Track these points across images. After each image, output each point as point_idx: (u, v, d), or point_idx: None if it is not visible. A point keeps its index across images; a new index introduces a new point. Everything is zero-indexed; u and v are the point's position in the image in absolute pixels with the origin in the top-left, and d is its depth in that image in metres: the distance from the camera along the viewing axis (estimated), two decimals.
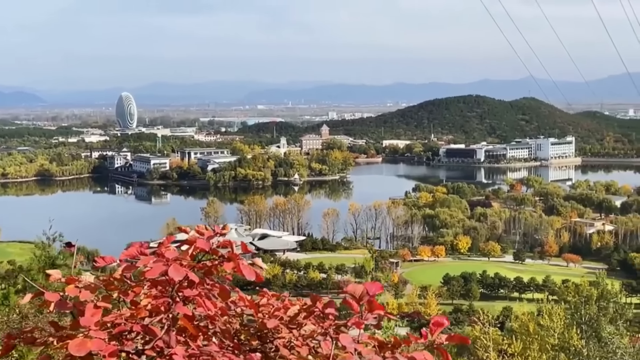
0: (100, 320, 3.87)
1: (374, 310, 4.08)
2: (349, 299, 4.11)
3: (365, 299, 4.09)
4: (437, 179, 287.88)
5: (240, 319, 4.58)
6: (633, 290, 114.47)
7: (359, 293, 4.10)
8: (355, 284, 4.20)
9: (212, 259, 4.26)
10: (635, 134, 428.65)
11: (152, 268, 3.97)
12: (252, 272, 4.21)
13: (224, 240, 4.35)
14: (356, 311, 4.09)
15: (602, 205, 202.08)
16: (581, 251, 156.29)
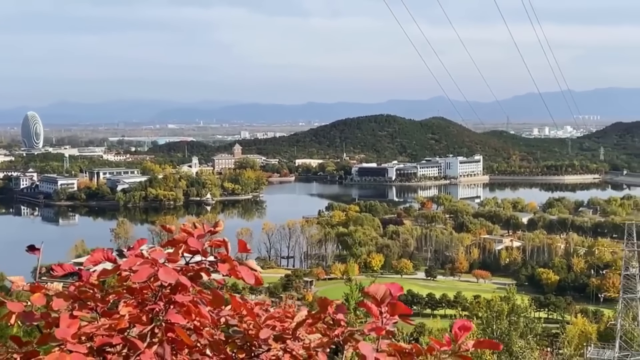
0: (77, 332, 3.44)
1: (398, 312, 3.60)
2: (367, 301, 3.63)
3: (387, 301, 3.60)
4: (350, 198, 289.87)
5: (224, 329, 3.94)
6: (541, 305, 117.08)
7: (381, 294, 3.60)
8: (377, 283, 3.72)
9: (202, 261, 3.74)
10: (540, 152, 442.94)
11: (138, 271, 3.48)
12: (251, 275, 3.73)
13: (217, 240, 3.78)
14: (376, 316, 3.60)
15: (509, 222, 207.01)
16: (490, 267, 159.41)
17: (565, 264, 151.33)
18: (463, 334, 3.63)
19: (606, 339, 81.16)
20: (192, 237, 3.70)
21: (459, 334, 3.63)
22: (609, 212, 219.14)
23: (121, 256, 3.74)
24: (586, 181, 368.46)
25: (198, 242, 3.69)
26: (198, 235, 3.73)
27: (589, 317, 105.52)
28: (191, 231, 3.77)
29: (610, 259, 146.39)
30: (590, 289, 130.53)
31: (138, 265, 3.51)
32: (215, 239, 3.80)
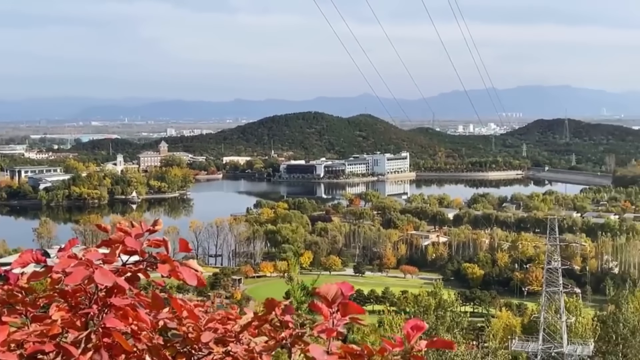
0: (6, 339, 3.17)
1: (350, 313, 3.43)
2: (318, 302, 3.47)
3: (339, 300, 3.44)
4: (278, 195, 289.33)
5: (162, 332, 3.65)
6: (467, 299, 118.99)
7: (332, 294, 3.44)
8: (329, 283, 3.56)
9: (140, 262, 3.50)
10: (465, 149, 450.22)
11: (73, 273, 3.19)
12: (194, 276, 3.48)
13: (157, 239, 3.57)
14: (326, 316, 3.43)
15: (436, 218, 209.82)
16: (418, 262, 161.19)
17: (490, 258, 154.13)
18: (416, 333, 3.45)
19: (530, 332, 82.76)
20: (130, 237, 3.48)
21: (412, 333, 3.45)
22: (532, 207, 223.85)
23: (46, 257, 3.55)
24: (509, 177, 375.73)
25: (136, 241, 3.47)
26: (136, 234, 3.52)
27: (513, 311, 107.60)
28: (128, 230, 3.54)
29: (533, 253, 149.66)
30: (514, 282, 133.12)
31: (72, 267, 3.23)
32: (154, 239, 3.60)
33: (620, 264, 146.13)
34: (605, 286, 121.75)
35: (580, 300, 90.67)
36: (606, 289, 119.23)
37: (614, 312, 77.21)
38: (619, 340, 70.79)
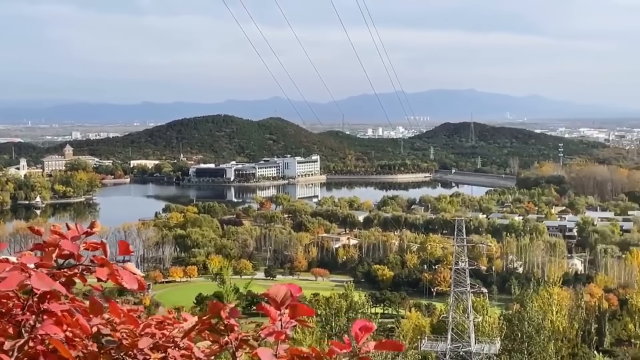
0: None
1: (299, 315, 3.36)
2: (265, 304, 3.40)
3: (288, 302, 3.37)
4: (188, 199, 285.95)
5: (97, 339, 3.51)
6: (377, 301, 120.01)
7: (281, 296, 3.37)
8: (278, 285, 3.50)
9: (76, 265, 3.34)
10: (374, 152, 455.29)
11: (7, 278, 3.03)
12: (134, 279, 3.40)
13: (94, 242, 3.45)
14: (274, 319, 3.36)
15: (346, 221, 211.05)
16: (329, 265, 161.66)
17: (400, 260, 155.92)
18: (364, 335, 3.37)
19: (439, 332, 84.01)
20: (66, 240, 3.32)
21: (360, 335, 3.37)
22: (440, 209, 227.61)
23: None
24: (418, 180, 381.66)
25: (73, 244, 3.32)
26: (72, 237, 3.37)
27: (422, 311, 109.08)
28: (64, 233, 3.38)
29: (441, 254, 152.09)
30: (423, 283, 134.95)
31: (7, 271, 3.06)
32: (91, 241, 3.46)
33: (525, 264, 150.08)
34: (511, 285, 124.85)
35: (487, 300, 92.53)
36: (511, 288, 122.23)
37: (519, 311, 79.16)
38: (524, 338, 72.55)
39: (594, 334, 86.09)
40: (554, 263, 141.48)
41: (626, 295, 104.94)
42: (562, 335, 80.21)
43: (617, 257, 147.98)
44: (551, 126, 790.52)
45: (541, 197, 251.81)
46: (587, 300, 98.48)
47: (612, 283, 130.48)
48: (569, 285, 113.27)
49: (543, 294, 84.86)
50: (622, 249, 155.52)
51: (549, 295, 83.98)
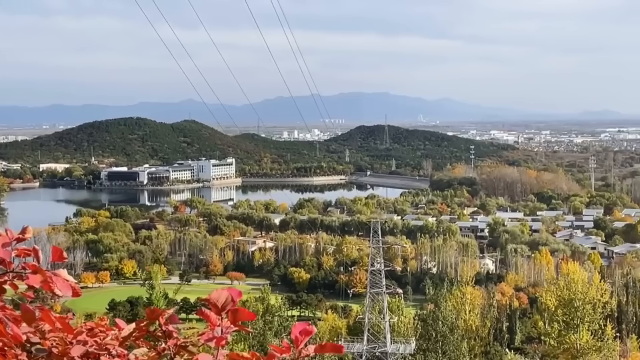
0: None
1: (241, 319, 3.29)
2: (205, 310, 3.30)
3: (229, 307, 3.30)
4: (100, 203, 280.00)
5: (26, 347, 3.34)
6: (294, 303, 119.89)
7: (222, 301, 3.29)
8: (219, 290, 3.44)
9: (6, 272, 3.25)
10: (290, 154, 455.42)
11: None
12: (68, 286, 3.31)
13: (26, 248, 3.36)
14: (215, 324, 3.26)
15: (262, 224, 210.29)
16: (245, 268, 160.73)
17: (316, 262, 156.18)
18: (304, 338, 3.31)
19: (355, 333, 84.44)
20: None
21: (300, 338, 3.30)
22: (355, 211, 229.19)
23: None
24: (333, 182, 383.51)
25: (4, 251, 3.23)
26: (3, 243, 3.27)
27: (338, 313, 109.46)
28: None
29: (357, 255, 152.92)
30: (339, 285, 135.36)
31: None
32: (23, 247, 3.38)
33: (438, 264, 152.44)
34: (425, 286, 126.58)
35: (402, 300, 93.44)
36: (426, 288, 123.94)
37: (433, 311, 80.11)
38: (438, 338, 73.48)
39: (506, 332, 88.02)
40: (466, 263, 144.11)
41: (536, 293, 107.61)
42: (474, 333, 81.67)
43: (527, 256, 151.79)
44: (462, 129, 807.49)
45: (454, 199, 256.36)
46: (498, 299, 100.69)
47: (522, 282, 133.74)
48: (481, 284, 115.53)
49: (456, 294, 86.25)
50: (531, 249, 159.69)
51: (462, 294, 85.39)
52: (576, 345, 70.92)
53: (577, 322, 72.31)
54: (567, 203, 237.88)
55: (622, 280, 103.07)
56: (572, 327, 72.39)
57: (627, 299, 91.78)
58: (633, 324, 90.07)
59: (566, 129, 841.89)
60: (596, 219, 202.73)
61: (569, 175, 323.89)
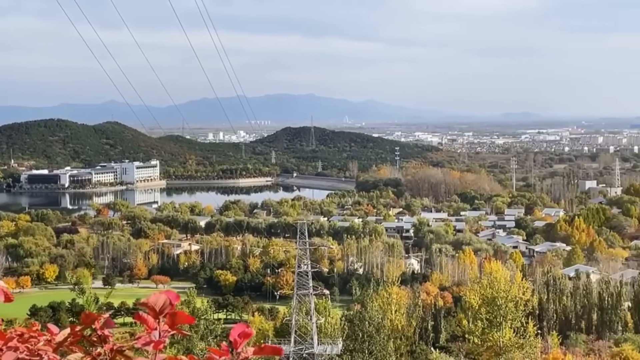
0: None
1: (179, 323, 3.24)
2: (143, 314, 3.26)
3: (167, 311, 3.26)
4: (20, 207, 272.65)
5: None
6: (220, 306, 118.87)
7: (160, 304, 3.25)
8: (157, 293, 3.38)
9: None
10: (216, 156, 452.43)
11: None
12: (0, 292, 3.26)
13: None
14: (152, 328, 3.22)
15: (187, 226, 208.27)
16: (170, 272, 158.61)
17: (242, 264, 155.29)
18: (243, 340, 3.28)
19: (282, 335, 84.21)
20: None
21: (239, 341, 3.28)
22: (282, 212, 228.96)
23: None
24: (260, 184, 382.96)
25: None
26: None
27: (265, 315, 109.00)
28: None
29: (284, 257, 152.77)
30: (266, 287, 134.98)
31: None
32: None
33: (365, 265, 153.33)
34: (352, 286, 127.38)
35: (329, 301, 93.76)
36: (352, 289, 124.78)
37: (359, 311, 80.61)
38: (365, 338, 73.90)
39: (431, 331, 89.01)
40: (392, 263, 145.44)
41: (460, 292, 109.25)
42: (400, 333, 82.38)
43: (451, 256, 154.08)
44: (388, 130, 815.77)
45: (379, 200, 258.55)
46: (423, 299, 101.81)
47: (447, 281, 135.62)
48: (407, 284, 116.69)
49: (382, 294, 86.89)
50: (455, 248, 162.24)
51: (388, 294, 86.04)
52: (499, 343, 72.25)
53: (500, 320, 73.72)
54: (490, 203, 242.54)
55: (542, 278, 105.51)
56: (495, 325, 73.76)
57: (548, 297, 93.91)
58: (554, 321, 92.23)
59: (488, 130, 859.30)
60: (517, 219, 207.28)
61: (491, 175, 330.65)
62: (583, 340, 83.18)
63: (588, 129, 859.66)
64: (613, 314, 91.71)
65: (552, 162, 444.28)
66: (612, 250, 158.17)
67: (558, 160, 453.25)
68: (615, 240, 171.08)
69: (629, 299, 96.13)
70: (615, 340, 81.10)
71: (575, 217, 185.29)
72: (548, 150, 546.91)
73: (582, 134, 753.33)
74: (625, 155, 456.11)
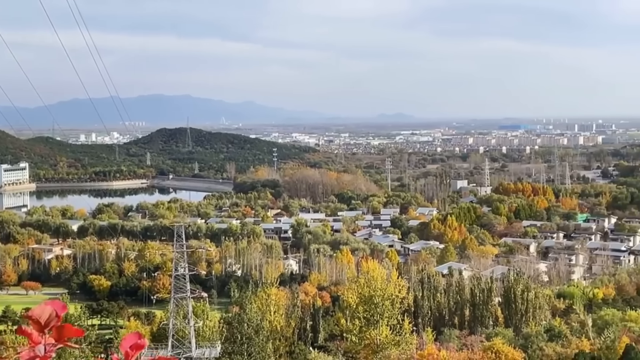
0: None
1: (66, 336, 3.05)
2: (26, 327, 3.08)
3: (53, 323, 3.07)
4: None
5: None
6: (94, 312, 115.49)
7: (46, 317, 3.06)
8: (42, 305, 3.19)
9: None
10: (88, 158, 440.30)
11: None
12: None
13: None
14: (37, 342, 3.03)
15: (59, 230, 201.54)
16: (41, 278, 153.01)
17: (117, 268, 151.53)
18: (135, 352, 3.20)
19: (159, 339, 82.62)
20: None
21: (131, 353, 3.20)
22: (158, 215, 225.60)
23: None
24: (135, 186, 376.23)
25: None
26: None
27: (142, 320, 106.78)
28: None
29: (161, 260, 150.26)
30: (142, 291, 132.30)
31: None
32: None
33: (243, 266, 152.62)
34: (230, 288, 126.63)
35: (207, 304, 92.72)
36: (231, 291, 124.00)
37: (238, 313, 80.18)
38: (244, 340, 73.59)
39: (310, 331, 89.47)
40: (271, 264, 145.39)
41: (338, 292, 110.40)
42: (279, 334, 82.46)
43: (329, 255, 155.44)
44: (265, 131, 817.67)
45: (257, 201, 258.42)
46: (302, 299, 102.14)
47: (325, 281, 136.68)
48: (286, 285, 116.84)
49: (261, 295, 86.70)
50: (333, 248, 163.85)
51: (267, 296, 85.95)
52: (376, 341, 73.40)
53: (377, 318, 74.93)
54: (366, 203, 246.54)
55: (417, 276, 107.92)
56: (373, 323, 74.92)
57: (423, 294, 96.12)
58: (428, 317, 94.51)
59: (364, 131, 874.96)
60: (393, 218, 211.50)
61: (367, 176, 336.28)
62: (456, 335, 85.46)
63: (459, 130, 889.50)
64: (484, 309, 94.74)
65: (426, 163, 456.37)
66: (483, 247, 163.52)
67: (431, 161, 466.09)
68: (485, 238, 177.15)
69: (499, 294, 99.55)
70: (487, 335, 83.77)
71: (447, 216, 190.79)
72: (421, 151, 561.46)
73: (454, 135, 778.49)
74: (494, 156, 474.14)
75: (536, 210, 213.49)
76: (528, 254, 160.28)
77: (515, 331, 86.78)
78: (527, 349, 74.49)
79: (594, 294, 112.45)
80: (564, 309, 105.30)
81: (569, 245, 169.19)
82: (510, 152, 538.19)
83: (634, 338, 74.87)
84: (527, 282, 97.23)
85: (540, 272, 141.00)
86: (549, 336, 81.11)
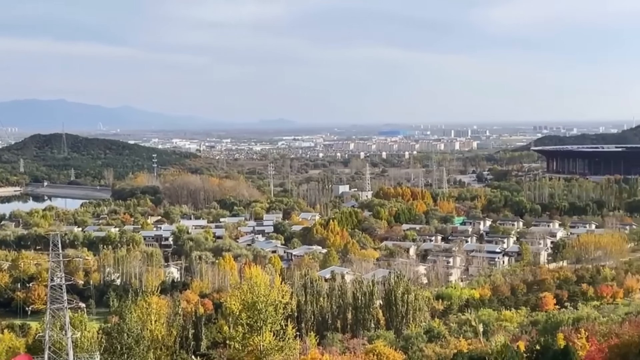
0: None
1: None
2: None
3: None
4: None
5: None
6: None
7: None
8: None
9: None
10: None
11: None
12: None
13: None
14: None
15: None
16: None
17: None
18: None
19: (35, 352, 79.63)
20: None
21: None
22: (32, 224, 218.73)
23: None
24: (7, 194, 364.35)
25: None
26: None
27: (16, 332, 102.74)
28: None
29: (36, 270, 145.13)
30: (16, 302, 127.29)
31: None
32: None
33: (122, 275, 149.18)
34: (109, 298, 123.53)
35: (85, 315, 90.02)
36: (110, 300, 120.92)
37: (118, 323, 78.33)
38: (124, 350, 71.99)
39: (192, 339, 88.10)
40: (151, 272, 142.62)
41: (220, 299, 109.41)
42: (161, 343, 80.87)
43: (212, 262, 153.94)
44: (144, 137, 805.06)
45: (137, 208, 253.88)
46: (184, 307, 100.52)
47: (207, 288, 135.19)
48: (167, 293, 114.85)
49: (141, 304, 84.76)
50: (215, 255, 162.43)
51: (147, 305, 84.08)
52: (260, 347, 73.15)
53: (260, 325, 74.65)
54: (249, 209, 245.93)
55: (300, 281, 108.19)
56: (256, 329, 74.58)
57: (306, 299, 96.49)
58: (312, 322, 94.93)
59: (246, 137, 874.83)
60: (276, 224, 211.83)
61: (249, 182, 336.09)
62: (339, 339, 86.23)
63: (340, 136, 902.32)
64: (366, 312, 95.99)
65: (308, 168, 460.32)
66: (364, 251, 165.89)
67: (313, 166, 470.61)
68: (367, 242, 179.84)
69: (380, 297, 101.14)
70: (369, 338, 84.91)
71: (330, 221, 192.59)
72: (304, 156, 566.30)
73: (335, 141, 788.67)
74: (374, 161, 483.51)
75: (415, 214, 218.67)
76: (408, 257, 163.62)
77: (397, 333, 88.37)
78: (407, 350, 75.93)
79: (471, 294, 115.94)
80: (443, 310, 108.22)
81: (446, 248, 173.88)
82: (390, 157, 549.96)
83: (509, 337, 77.47)
84: (407, 284, 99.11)
85: (420, 274, 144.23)
86: (428, 337, 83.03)
